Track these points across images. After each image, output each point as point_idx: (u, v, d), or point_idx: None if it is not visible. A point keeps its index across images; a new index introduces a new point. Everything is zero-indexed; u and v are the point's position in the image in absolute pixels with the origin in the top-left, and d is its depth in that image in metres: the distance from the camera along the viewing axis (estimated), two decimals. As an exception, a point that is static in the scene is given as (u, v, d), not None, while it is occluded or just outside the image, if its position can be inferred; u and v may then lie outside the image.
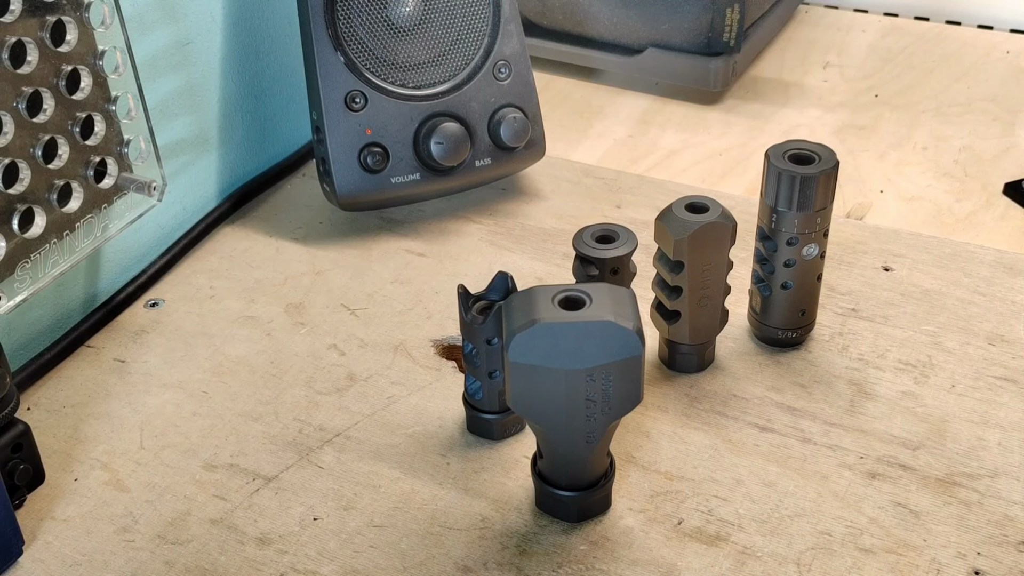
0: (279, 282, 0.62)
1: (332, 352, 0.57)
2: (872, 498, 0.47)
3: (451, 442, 0.51)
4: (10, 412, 0.47)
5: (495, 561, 0.45)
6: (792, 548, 0.45)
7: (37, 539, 0.47)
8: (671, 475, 0.49)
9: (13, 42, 0.48)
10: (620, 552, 0.45)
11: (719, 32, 0.78)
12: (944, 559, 0.44)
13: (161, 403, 0.54)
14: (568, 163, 0.73)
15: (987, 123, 0.77)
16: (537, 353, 0.40)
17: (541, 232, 0.66)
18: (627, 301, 0.41)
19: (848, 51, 0.88)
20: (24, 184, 0.50)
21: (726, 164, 0.74)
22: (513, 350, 0.40)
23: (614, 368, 0.40)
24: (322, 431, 0.52)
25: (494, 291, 0.49)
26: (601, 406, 0.41)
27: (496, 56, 0.65)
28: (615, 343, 0.40)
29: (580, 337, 0.40)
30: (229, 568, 0.45)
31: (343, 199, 0.64)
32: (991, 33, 0.90)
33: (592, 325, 0.40)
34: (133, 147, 0.56)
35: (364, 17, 0.62)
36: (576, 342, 0.40)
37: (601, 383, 0.41)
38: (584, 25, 0.83)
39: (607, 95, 0.83)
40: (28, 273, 0.51)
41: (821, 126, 0.78)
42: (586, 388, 0.41)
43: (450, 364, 0.56)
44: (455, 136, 0.63)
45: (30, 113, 0.50)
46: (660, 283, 0.52)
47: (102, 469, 0.50)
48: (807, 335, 0.56)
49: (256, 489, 0.49)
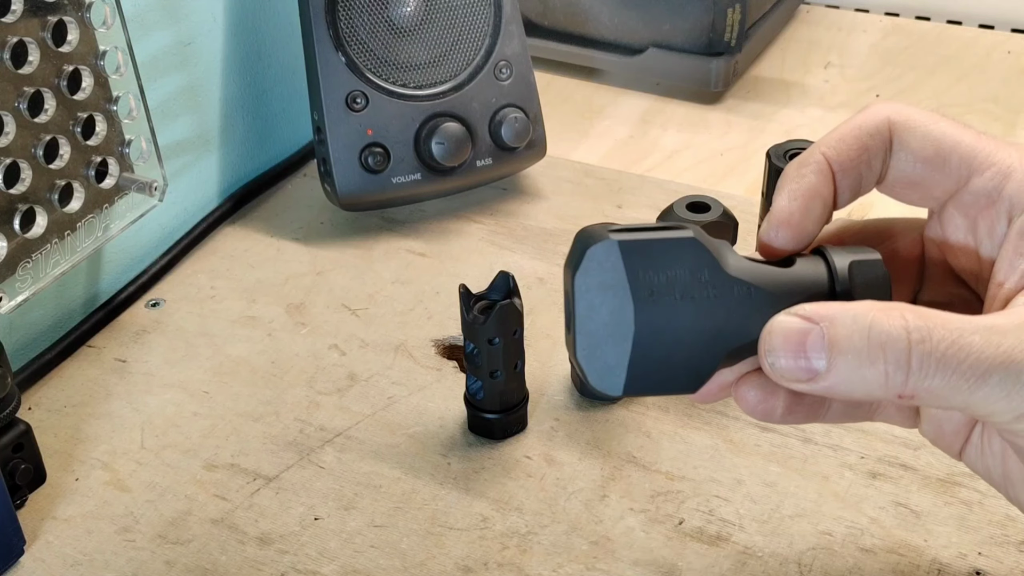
0: (280, 282, 0.62)
1: (333, 352, 0.57)
2: (873, 498, 0.47)
3: (452, 442, 0.51)
4: (11, 412, 0.47)
5: (496, 561, 0.45)
6: (793, 548, 0.45)
7: (38, 539, 0.47)
8: (672, 475, 0.49)
9: (14, 42, 0.48)
10: (621, 552, 0.45)
11: (720, 32, 0.78)
12: (945, 559, 0.44)
13: (162, 403, 0.54)
14: (569, 163, 0.73)
15: (988, 123, 0.77)
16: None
17: (542, 232, 0.66)
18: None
19: (849, 51, 0.88)
20: (25, 184, 0.50)
21: (727, 164, 0.74)
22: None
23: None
24: (323, 431, 0.52)
25: (495, 291, 0.49)
26: None
27: (497, 56, 0.65)
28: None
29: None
30: (230, 568, 0.45)
31: (344, 199, 0.64)
32: (992, 33, 0.90)
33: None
34: (134, 147, 0.56)
35: (365, 17, 0.62)
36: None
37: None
38: (585, 25, 0.83)
39: (608, 95, 0.83)
40: (29, 273, 0.51)
41: (822, 126, 0.78)
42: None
43: (451, 364, 0.56)
44: (456, 136, 0.63)
45: (31, 113, 0.50)
46: (661, 283, 0.52)
47: (103, 469, 0.50)
48: (808, 335, 0.56)
49: (257, 489, 0.49)
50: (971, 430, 0.37)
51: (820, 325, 0.32)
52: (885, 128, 0.35)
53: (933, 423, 0.38)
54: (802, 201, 0.35)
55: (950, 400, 0.31)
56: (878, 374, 0.31)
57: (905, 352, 0.31)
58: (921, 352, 0.31)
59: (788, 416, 0.36)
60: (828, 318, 0.32)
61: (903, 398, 0.31)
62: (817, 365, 0.32)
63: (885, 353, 0.31)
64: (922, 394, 0.31)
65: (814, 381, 0.32)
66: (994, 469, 0.37)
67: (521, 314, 0.48)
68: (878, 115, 0.35)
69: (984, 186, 0.35)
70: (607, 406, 0.52)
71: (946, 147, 0.35)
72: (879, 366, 0.31)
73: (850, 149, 0.35)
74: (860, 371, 0.31)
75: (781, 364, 0.32)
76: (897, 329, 0.31)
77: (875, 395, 0.32)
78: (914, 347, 0.31)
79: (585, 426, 0.51)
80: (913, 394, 0.31)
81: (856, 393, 0.32)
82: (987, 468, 0.37)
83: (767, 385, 0.35)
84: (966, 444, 0.38)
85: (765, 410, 0.36)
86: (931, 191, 0.36)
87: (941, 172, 0.35)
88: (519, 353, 0.49)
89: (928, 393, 0.31)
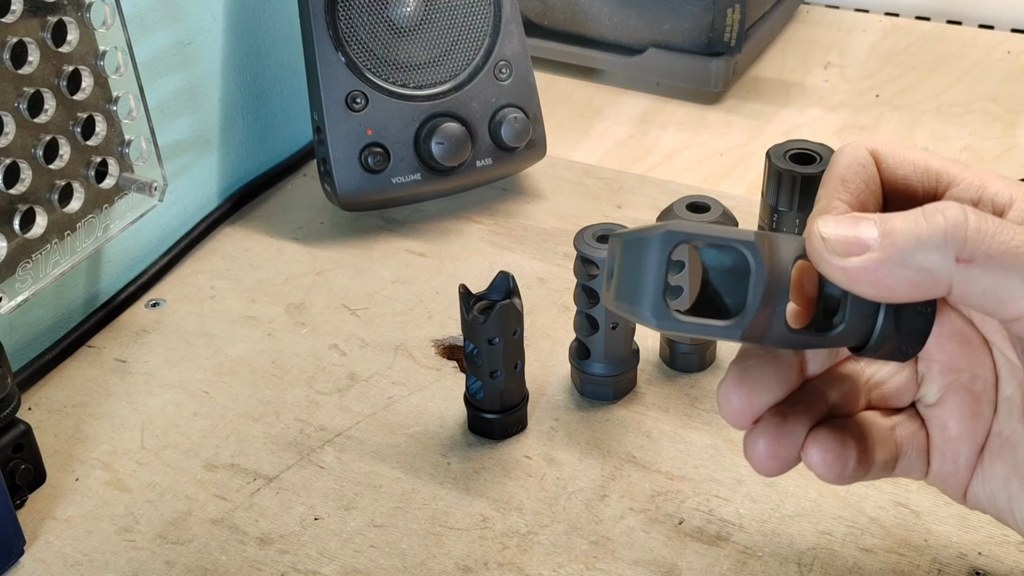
0: (280, 282, 0.62)
1: (333, 352, 0.57)
2: (873, 498, 0.47)
3: (452, 442, 0.51)
4: (11, 412, 0.47)
5: (496, 561, 0.45)
6: (793, 548, 0.45)
7: (38, 539, 0.47)
8: (672, 475, 0.49)
9: (14, 42, 0.48)
10: (621, 552, 0.45)
11: (720, 32, 0.78)
12: (945, 559, 0.44)
13: (162, 403, 0.54)
14: (569, 163, 0.73)
15: (988, 123, 0.77)
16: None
17: (542, 232, 0.66)
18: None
19: (849, 51, 0.88)
20: (25, 184, 0.50)
21: (727, 164, 0.74)
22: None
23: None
24: (323, 431, 0.52)
25: (495, 291, 0.49)
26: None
27: (497, 56, 0.65)
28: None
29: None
30: (230, 568, 0.45)
31: (344, 199, 0.64)
32: (992, 33, 0.90)
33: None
34: (134, 147, 0.56)
35: (365, 17, 0.62)
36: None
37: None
38: (585, 25, 0.83)
39: (608, 95, 0.83)
40: (29, 273, 0.51)
41: (822, 126, 0.78)
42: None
43: (451, 364, 0.56)
44: (456, 136, 0.63)
45: (31, 113, 0.50)
46: (661, 283, 0.52)
47: (103, 469, 0.50)
48: (808, 335, 0.56)
49: (257, 489, 0.49)
50: (977, 459, 0.38)
51: (872, 218, 0.32)
52: (871, 158, 0.36)
53: (946, 460, 0.38)
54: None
55: (1007, 272, 0.31)
56: (937, 234, 0.31)
57: (962, 215, 0.31)
58: (978, 218, 0.31)
59: (859, 470, 0.36)
60: (877, 214, 0.32)
61: (961, 262, 0.31)
62: (868, 235, 0.31)
63: (944, 216, 0.31)
64: (981, 258, 0.31)
65: (867, 255, 0.31)
66: (998, 494, 0.37)
67: (521, 314, 0.48)
68: (860, 149, 0.36)
69: (961, 195, 0.35)
70: (607, 406, 0.52)
71: (920, 166, 0.36)
72: (938, 227, 0.31)
73: (857, 187, 0.35)
74: (917, 236, 0.31)
75: (830, 231, 0.32)
76: (951, 203, 0.31)
77: (931, 263, 0.31)
78: (970, 214, 0.31)
79: (585, 426, 0.51)
80: (972, 257, 0.30)
81: (913, 262, 0.31)
82: (991, 495, 0.37)
83: (835, 438, 0.35)
84: (971, 479, 0.38)
85: (838, 465, 0.36)
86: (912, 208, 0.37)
87: (920, 188, 0.36)
88: (519, 353, 0.49)
89: (987, 259, 0.30)
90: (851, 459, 0.36)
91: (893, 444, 0.38)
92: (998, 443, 0.37)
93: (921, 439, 0.38)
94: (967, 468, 0.38)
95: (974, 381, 0.37)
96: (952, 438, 0.38)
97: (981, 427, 0.37)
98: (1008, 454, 0.36)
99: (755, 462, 0.36)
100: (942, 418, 0.38)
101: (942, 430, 0.38)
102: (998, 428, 0.37)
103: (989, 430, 0.37)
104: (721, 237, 0.32)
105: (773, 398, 0.36)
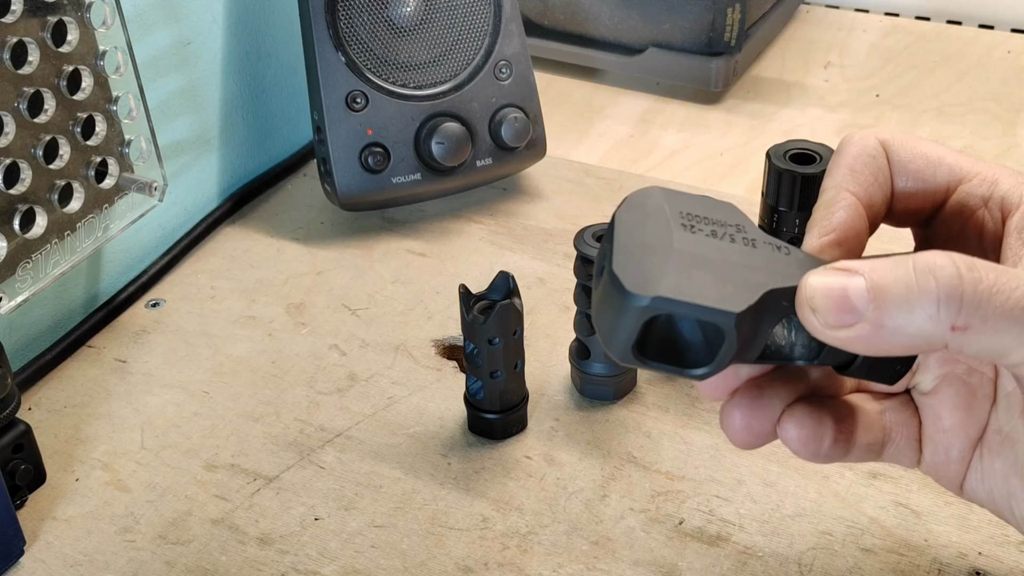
0: (280, 282, 0.62)
1: (333, 352, 0.57)
2: (873, 498, 0.47)
3: (452, 442, 0.51)
4: (11, 412, 0.47)
5: (496, 561, 0.45)
6: (793, 548, 0.45)
7: (38, 539, 0.47)
8: (672, 475, 0.49)
9: (14, 42, 0.48)
10: (621, 552, 0.45)
11: (720, 32, 0.78)
12: (945, 559, 0.44)
13: (162, 403, 0.54)
14: (569, 163, 0.73)
15: (989, 123, 0.77)
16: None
17: (542, 232, 0.66)
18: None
19: (849, 51, 0.88)
20: (25, 184, 0.50)
21: (727, 164, 0.74)
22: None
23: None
24: (323, 431, 0.52)
25: (495, 291, 0.49)
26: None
27: (497, 56, 0.65)
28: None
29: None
30: (230, 568, 0.45)
31: (344, 199, 0.64)
32: (992, 33, 0.90)
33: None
34: (134, 147, 0.56)
35: (365, 17, 0.62)
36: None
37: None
38: (585, 25, 0.83)
39: (608, 95, 0.83)
40: (29, 273, 0.51)
41: (822, 126, 0.78)
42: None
43: (451, 364, 0.56)
44: (456, 136, 0.63)
45: (31, 113, 0.50)
46: (661, 283, 0.52)
47: (103, 469, 0.50)
48: (808, 335, 0.56)
49: (257, 489, 0.49)
50: (973, 453, 0.37)
51: (861, 274, 0.30)
52: (881, 149, 0.36)
53: (938, 451, 0.38)
54: (844, 245, 0.35)
55: (1004, 332, 0.30)
56: (929, 302, 0.29)
57: (956, 277, 0.29)
58: (972, 278, 0.29)
59: (833, 449, 0.36)
60: (867, 266, 0.30)
61: (956, 330, 0.30)
62: (858, 299, 0.30)
63: (936, 279, 0.29)
64: (976, 324, 0.30)
65: (858, 325, 0.30)
66: (997, 491, 0.37)
67: (521, 314, 0.48)
68: (870, 138, 0.36)
69: (973, 191, 0.35)
70: (607, 406, 0.52)
71: (933, 159, 0.36)
72: (930, 294, 0.29)
73: (865, 179, 0.35)
74: (908, 304, 0.30)
75: (820, 302, 0.31)
76: (943, 258, 0.30)
77: (925, 332, 0.30)
78: (964, 274, 0.29)
79: (585, 426, 0.51)
80: (967, 324, 0.29)
81: (905, 331, 0.30)
82: (990, 491, 0.37)
83: (812, 415, 0.35)
84: (967, 472, 0.38)
85: (813, 443, 0.35)
86: (922, 203, 0.37)
87: (932, 182, 0.36)
88: (519, 353, 0.49)
89: (983, 323, 0.29)
90: (826, 438, 0.35)
91: (879, 429, 0.37)
92: (997, 439, 0.37)
93: (913, 427, 0.38)
94: (959, 461, 0.38)
95: (970, 375, 0.37)
96: (944, 429, 0.37)
97: (975, 422, 0.37)
98: (1008, 451, 0.36)
99: (730, 433, 0.36)
100: (936, 408, 0.37)
101: (935, 420, 0.37)
102: (997, 424, 0.37)
103: (985, 425, 0.37)
104: (703, 308, 0.31)
105: (748, 372, 0.36)
